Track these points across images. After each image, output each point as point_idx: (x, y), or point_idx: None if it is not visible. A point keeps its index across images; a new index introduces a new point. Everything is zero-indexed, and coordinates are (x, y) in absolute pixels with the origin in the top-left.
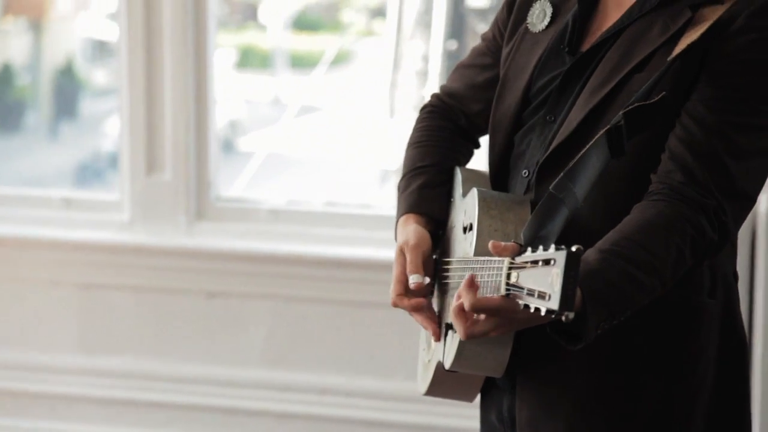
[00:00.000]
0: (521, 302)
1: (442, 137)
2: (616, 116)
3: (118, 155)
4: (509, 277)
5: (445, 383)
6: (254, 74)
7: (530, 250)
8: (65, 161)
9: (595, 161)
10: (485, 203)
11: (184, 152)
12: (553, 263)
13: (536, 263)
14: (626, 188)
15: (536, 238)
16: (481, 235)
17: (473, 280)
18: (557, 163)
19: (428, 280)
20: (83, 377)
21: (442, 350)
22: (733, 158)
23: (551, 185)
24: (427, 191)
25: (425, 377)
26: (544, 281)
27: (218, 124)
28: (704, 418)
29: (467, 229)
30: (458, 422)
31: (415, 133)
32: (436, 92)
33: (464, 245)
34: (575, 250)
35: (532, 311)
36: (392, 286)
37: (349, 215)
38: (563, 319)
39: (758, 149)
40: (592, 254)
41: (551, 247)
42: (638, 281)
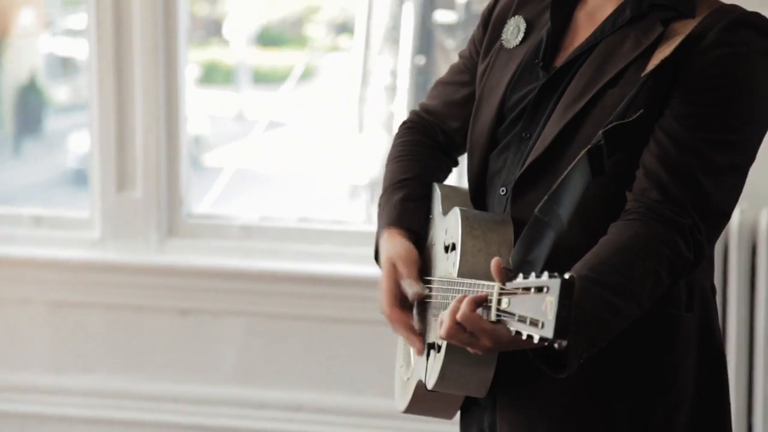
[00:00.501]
0: (512, 329)
1: (421, 152)
2: (596, 136)
3: (87, 172)
4: (500, 302)
5: (425, 401)
6: (218, 90)
7: (521, 276)
8: (29, 178)
9: (577, 182)
10: (468, 223)
11: (155, 169)
12: (546, 291)
13: (528, 290)
14: (602, 206)
15: (524, 262)
16: (464, 255)
17: (480, 302)
18: (533, 179)
19: (427, 291)
20: (54, 396)
21: (423, 370)
22: (707, 175)
23: (537, 209)
24: (408, 204)
25: (404, 395)
26: (536, 309)
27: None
28: (684, 431)
29: (449, 248)
30: None
31: (394, 148)
32: (414, 109)
33: (446, 265)
34: (569, 277)
35: (524, 338)
36: (384, 297)
37: (321, 231)
38: (556, 346)
39: (732, 166)
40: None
41: (544, 274)
42: (617, 308)
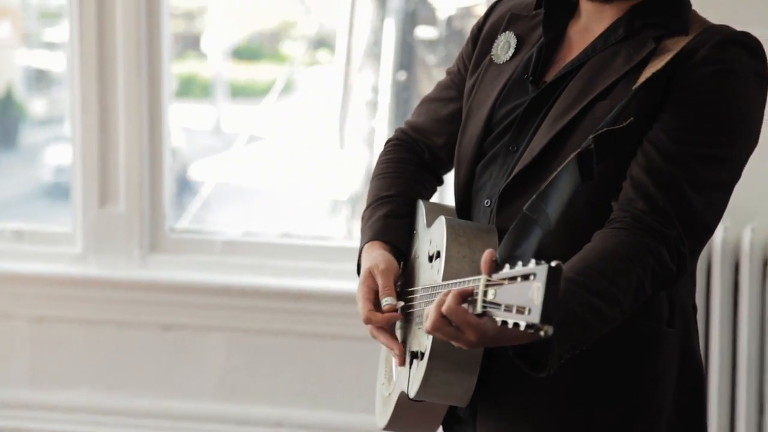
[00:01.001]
0: (498, 319)
1: (406, 169)
2: (586, 140)
3: (65, 185)
4: (486, 294)
5: (406, 415)
6: (194, 103)
7: (507, 267)
8: (5, 192)
9: (566, 183)
10: (453, 230)
11: (137, 184)
12: (533, 278)
13: (514, 279)
14: (587, 215)
15: (511, 257)
16: (449, 261)
17: (466, 295)
18: (518, 190)
19: (402, 303)
20: (35, 411)
21: (405, 380)
22: (693, 189)
23: (525, 206)
24: (391, 220)
25: (385, 411)
26: (522, 296)
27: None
28: None
29: (434, 257)
30: None
31: (379, 165)
32: (401, 126)
33: (431, 273)
34: (555, 264)
35: (509, 327)
36: (361, 304)
37: (304, 247)
38: (542, 334)
39: (718, 181)
40: None
41: (531, 261)
42: (600, 311)
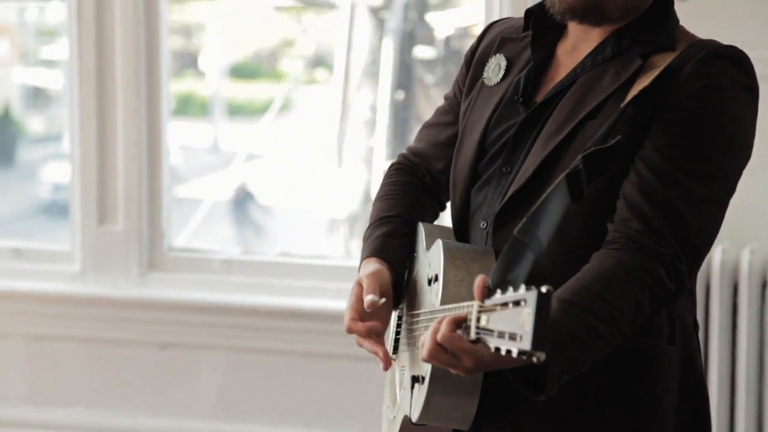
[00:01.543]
0: (492, 345)
1: (408, 192)
2: (574, 160)
3: (63, 203)
4: (479, 320)
5: None
6: (192, 122)
7: (499, 292)
8: (3, 209)
9: (556, 205)
10: (450, 254)
11: (136, 202)
12: (523, 304)
13: (506, 305)
14: (583, 236)
15: (503, 282)
16: (446, 285)
17: (460, 322)
18: (514, 212)
19: (384, 300)
20: (33, 429)
21: (408, 403)
22: (687, 205)
23: (515, 229)
24: (389, 239)
25: None
26: (514, 322)
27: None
28: None
29: (432, 280)
30: None
31: (382, 188)
32: (402, 152)
33: (430, 297)
34: (545, 290)
35: (503, 354)
36: (346, 312)
37: (302, 266)
38: (534, 360)
39: (712, 196)
40: (552, 304)
41: (521, 287)
42: (598, 332)
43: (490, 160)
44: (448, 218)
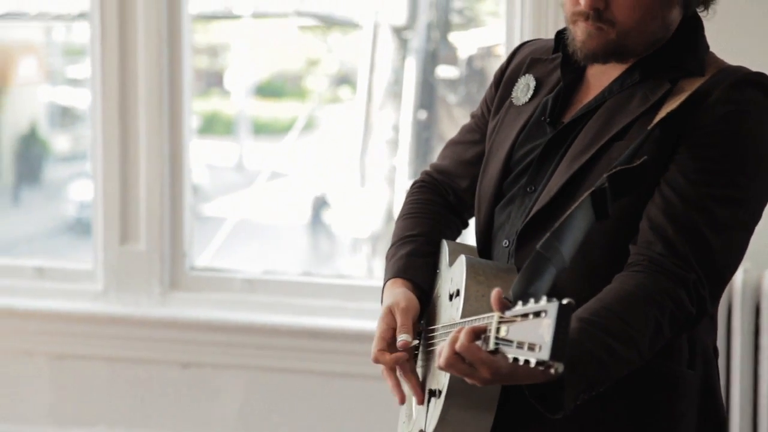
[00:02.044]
0: (510, 355)
1: (431, 210)
2: (599, 179)
3: (88, 222)
4: (498, 331)
5: None
6: (218, 140)
7: (520, 304)
8: (29, 228)
9: (580, 222)
10: (473, 269)
11: (158, 221)
12: (544, 315)
13: (526, 316)
14: (605, 256)
15: (525, 294)
16: (468, 300)
17: (479, 332)
18: (536, 231)
19: (416, 342)
20: None
21: (423, 418)
22: (713, 231)
23: (539, 244)
24: (414, 259)
25: None
26: (534, 333)
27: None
28: None
29: (454, 295)
30: None
31: (405, 206)
32: (426, 169)
33: (450, 311)
34: (566, 302)
35: (521, 363)
36: (375, 341)
37: (324, 285)
38: (552, 371)
39: (737, 222)
40: (571, 323)
41: (542, 299)
42: (616, 353)
43: (515, 178)
44: (470, 236)
